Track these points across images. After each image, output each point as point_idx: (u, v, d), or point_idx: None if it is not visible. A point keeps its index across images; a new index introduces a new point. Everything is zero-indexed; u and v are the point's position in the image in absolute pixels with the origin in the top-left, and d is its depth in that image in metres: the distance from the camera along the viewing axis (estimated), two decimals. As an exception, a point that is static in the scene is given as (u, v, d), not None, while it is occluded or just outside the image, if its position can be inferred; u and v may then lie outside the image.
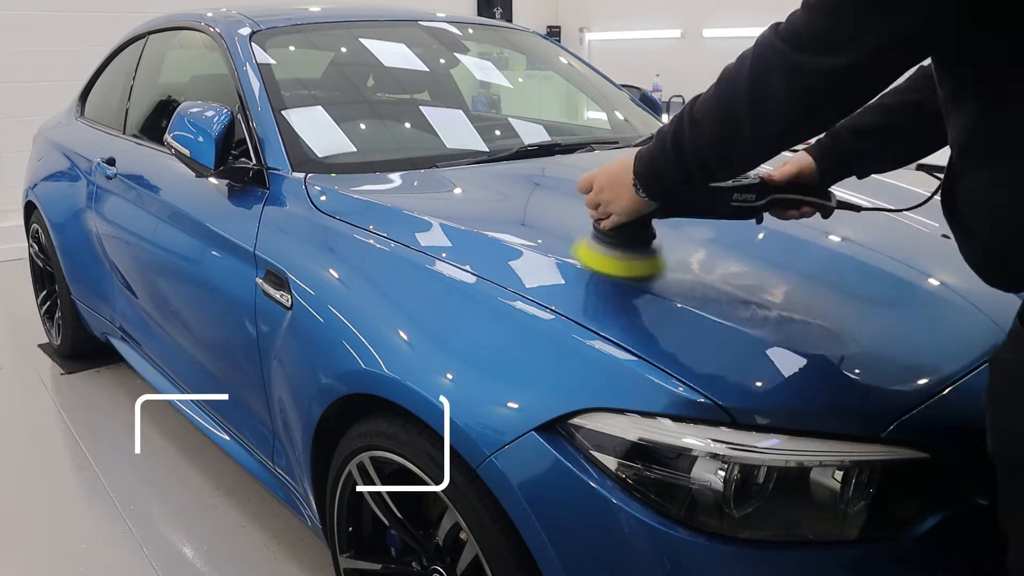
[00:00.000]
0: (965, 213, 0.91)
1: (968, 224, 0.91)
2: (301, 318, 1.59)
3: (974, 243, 0.92)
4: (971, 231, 0.91)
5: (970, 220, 0.90)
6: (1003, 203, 0.85)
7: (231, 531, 2.22)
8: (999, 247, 0.87)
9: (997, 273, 0.91)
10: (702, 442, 1.06)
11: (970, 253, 0.93)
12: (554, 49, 3.07)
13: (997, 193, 0.85)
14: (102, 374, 3.28)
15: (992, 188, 0.86)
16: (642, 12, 7.18)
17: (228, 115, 1.88)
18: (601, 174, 1.23)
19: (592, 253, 1.30)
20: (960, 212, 0.92)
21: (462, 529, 1.31)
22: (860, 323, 1.30)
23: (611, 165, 1.21)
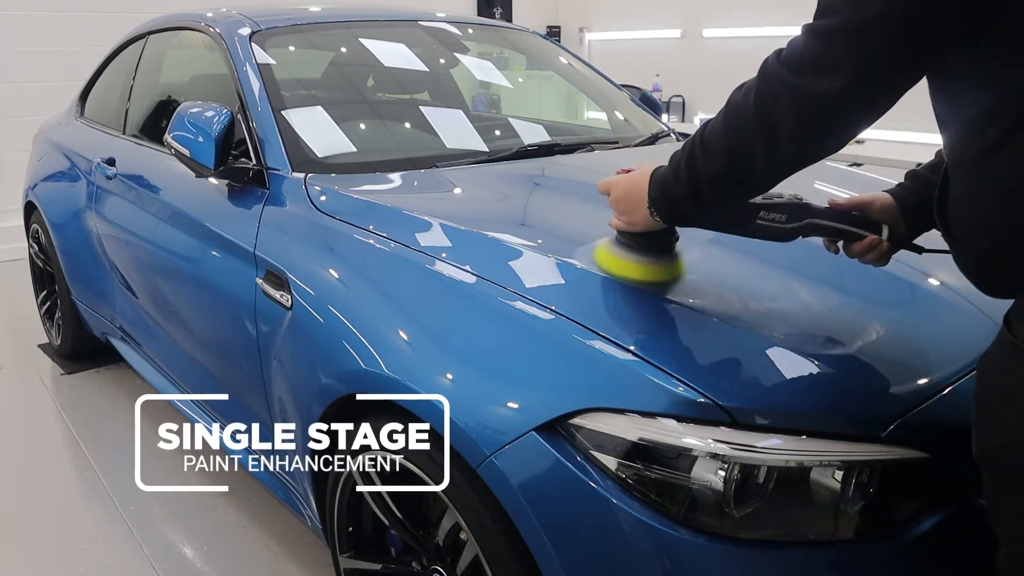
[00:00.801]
0: (955, 221, 0.92)
1: (958, 232, 0.92)
2: (301, 318, 1.59)
3: (964, 250, 0.93)
4: (961, 239, 0.92)
5: (960, 228, 0.92)
6: (989, 212, 0.86)
7: (231, 531, 2.22)
8: (986, 254, 0.89)
9: (985, 280, 0.93)
10: (702, 442, 1.06)
11: (961, 260, 0.95)
12: (554, 49, 3.07)
13: (984, 202, 0.87)
14: (102, 374, 3.28)
15: (979, 197, 0.87)
16: (642, 12, 7.18)
17: (228, 115, 1.88)
18: (619, 186, 1.22)
19: (611, 256, 1.29)
20: (951, 220, 0.93)
21: (462, 529, 1.31)
22: (860, 323, 1.30)
23: (628, 178, 1.20)
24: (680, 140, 2.58)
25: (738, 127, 0.99)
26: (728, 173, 1.02)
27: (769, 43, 1.05)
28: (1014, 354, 0.85)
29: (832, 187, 2.02)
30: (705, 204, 1.09)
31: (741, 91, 1.00)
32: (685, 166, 1.07)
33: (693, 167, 1.06)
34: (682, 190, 1.09)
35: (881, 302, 1.39)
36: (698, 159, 1.05)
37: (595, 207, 1.77)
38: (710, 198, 1.07)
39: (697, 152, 1.05)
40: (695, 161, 1.05)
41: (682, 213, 1.14)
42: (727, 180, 1.04)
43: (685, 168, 1.07)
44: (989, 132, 0.85)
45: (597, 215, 1.70)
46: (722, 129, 1.02)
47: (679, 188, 1.09)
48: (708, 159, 1.03)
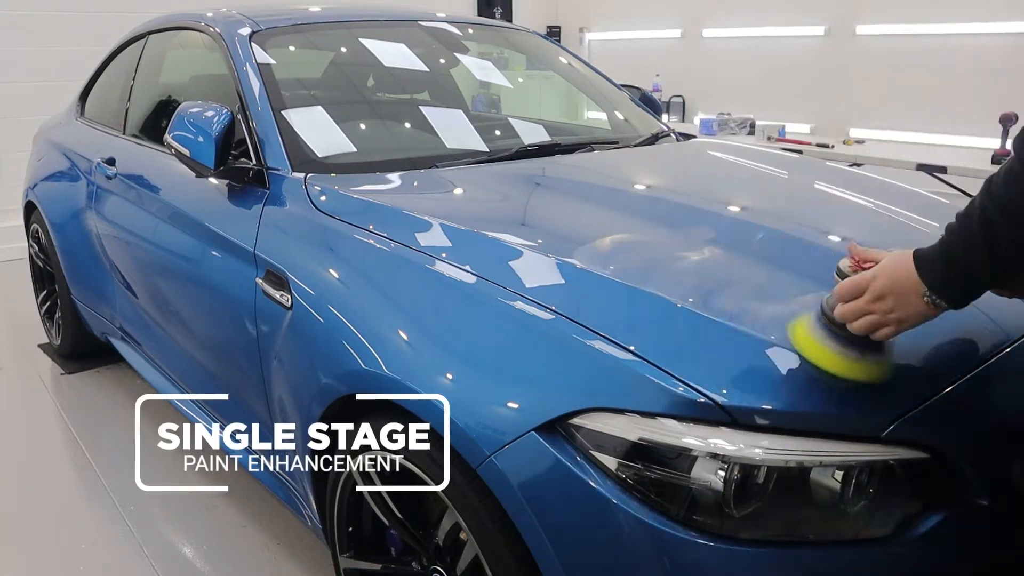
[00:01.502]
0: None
1: None
2: (301, 318, 1.59)
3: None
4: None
5: None
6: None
7: (231, 531, 2.22)
8: None
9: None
10: (702, 442, 1.06)
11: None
12: (554, 49, 3.07)
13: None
14: (102, 374, 3.28)
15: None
16: (642, 12, 7.18)
17: (228, 115, 1.88)
18: (879, 280, 1.03)
19: (813, 341, 1.10)
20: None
21: (462, 529, 1.31)
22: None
23: (884, 271, 1.04)
24: (680, 140, 2.58)
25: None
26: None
27: (769, 43, 1.05)
28: None
29: (832, 187, 2.02)
30: (1006, 269, 0.96)
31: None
32: (980, 230, 0.94)
33: (990, 231, 0.93)
34: (981, 261, 0.95)
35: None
36: (995, 219, 0.93)
37: (596, 207, 1.78)
38: (1014, 261, 0.94)
39: (992, 212, 0.93)
40: (991, 223, 0.93)
41: (979, 287, 1.00)
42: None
43: (980, 232, 0.94)
44: None
45: (597, 215, 1.71)
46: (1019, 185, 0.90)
47: (978, 259, 0.95)
48: (1009, 216, 0.91)
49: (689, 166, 2.31)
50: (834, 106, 5.91)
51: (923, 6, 5.38)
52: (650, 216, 1.71)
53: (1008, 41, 5.08)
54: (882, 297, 1.02)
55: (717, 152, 2.46)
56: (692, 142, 2.61)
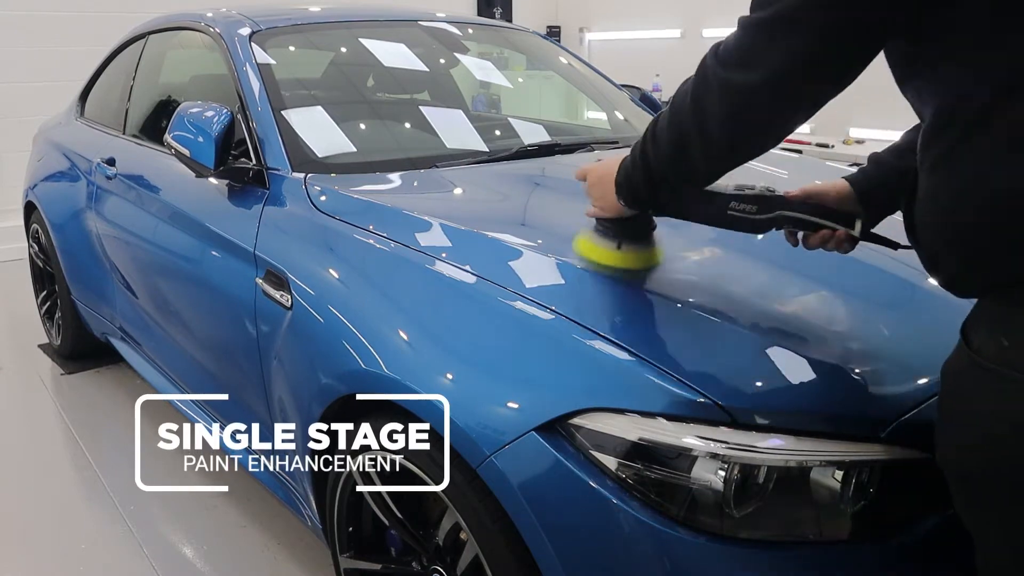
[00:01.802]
0: (918, 222, 0.93)
1: (920, 233, 0.93)
2: (301, 318, 1.59)
3: (918, 249, 0.95)
4: (921, 240, 0.93)
5: (921, 229, 0.93)
6: (944, 213, 0.87)
7: (231, 531, 2.22)
8: (943, 256, 0.90)
9: (935, 277, 0.93)
10: (702, 442, 1.06)
11: (924, 262, 0.96)
12: (554, 49, 3.07)
13: (939, 203, 0.87)
14: (102, 374, 3.28)
15: (936, 198, 0.88)
16: (642, 12, 7.18)
17: (228, 115, 1.88)
18: (593, 172, 1.27)
19: (590, 244, 1.31)
20: (915, 221, 0.94)
21: (462, 529, 1.31)
22: (860, 323, 1.30)
23: (602, 165, 1.24)
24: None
25: (679, 118, 1.02)
26: (672, 162, 1.06)
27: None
28: (967, 363, 0.86)
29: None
30: (658, 190, 1.13)
31: (685, 84, 1.03)
32: (640, 153, 1.11)
33: (646, 154, 1.10)
34: (638, 176, 1.13)
35: (881, 302, 1.39)
36: (649, 147, 1.09)
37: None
38: (661, 185, 1.11)
39: (648, 140, 1.09)
40: (647, 148, 1.09)
41: (642, 199, 1.18)
42: (672, 169, 1.08)
43: (640, 155, 1.11)
44: (944, 136, 0.85)
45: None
46: (667, 119, 1.05)
47: (636, 174, 1.13)
48: (656, 147, 1.07)
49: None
50: (834, 106, 5.87)
51: (923, 6, 5.36)
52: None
53: (1008, 41, 5.07)
54: (593, 186, 1.26)
55: (717, 152, 2.46)
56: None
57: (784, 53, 0.88)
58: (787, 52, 0.87)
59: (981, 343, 0.85)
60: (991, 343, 0.83)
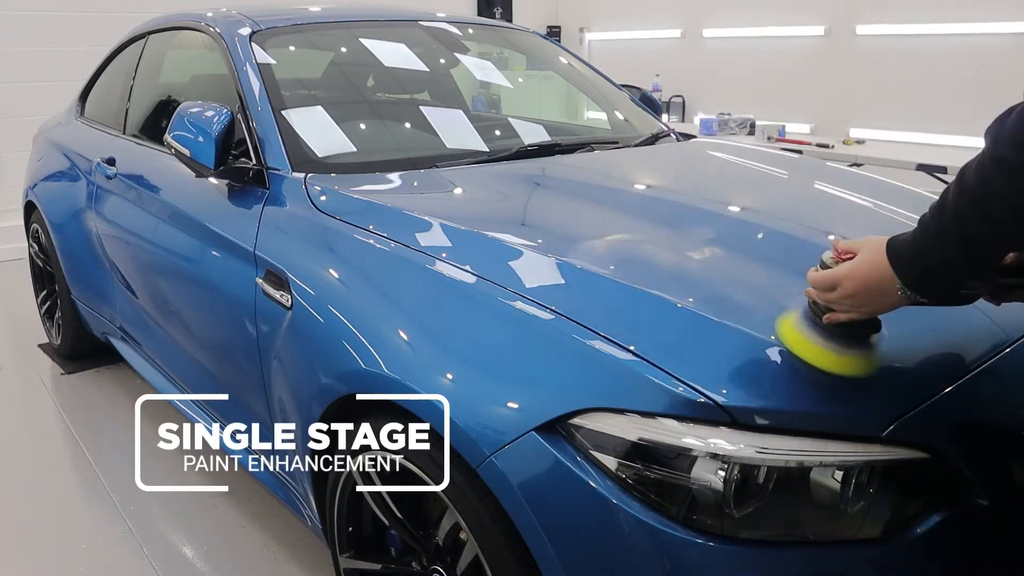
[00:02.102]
0: None
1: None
2: (301, 318, 1.59)
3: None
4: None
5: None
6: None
7: (231, 531, 2.22)
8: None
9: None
10: (702, 442, 1.06)
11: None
12: (554, 49, 3.07)
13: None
14: (102, 374, 3.28)
15: None
16: (642, 12, 7.18)
17: (228, 115, 1.88)
18: (850, 278, 1.02)
19: (800, 336, 1.10)
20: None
21: (462, 529, 1.31)
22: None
23: (858, 266, 1.02)
24: (680, 140, 2.58)
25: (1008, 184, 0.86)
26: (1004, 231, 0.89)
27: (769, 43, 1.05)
28: None
29: (832, 187, 2.02)
30: (979, 263, 0.94)
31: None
32: (953, 225, 0.92)
33: (962, 222, 0.91)
34: (947, 255, 0.93)
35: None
36: (967, 219, 0.91)
37: (596, 207, 1.78)
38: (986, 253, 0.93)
39: (965, 202, 0.91)
40: (962, 220, 0.91)
41: (950, 285, 0.99)
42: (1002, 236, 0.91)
43: (953, 227, 0.91)
44: None
45: (597, 215, 1.71)
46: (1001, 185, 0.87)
47: (940, 252, 0.94)
48: (981, 220, 0.89)
49: (689, 166, 2.31)
50: (834, 106, 5.90)
51: (923, 6, 5.38)
52: (650, 216, 1.71)
53: (1008, 41, 5.08)
54: (854, 295, 1.02)
55: (717, 152, 2.46)
56: (692, 142, 2.61)
57: None
58: None
59: None
60: None
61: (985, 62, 5.16)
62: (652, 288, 1.29)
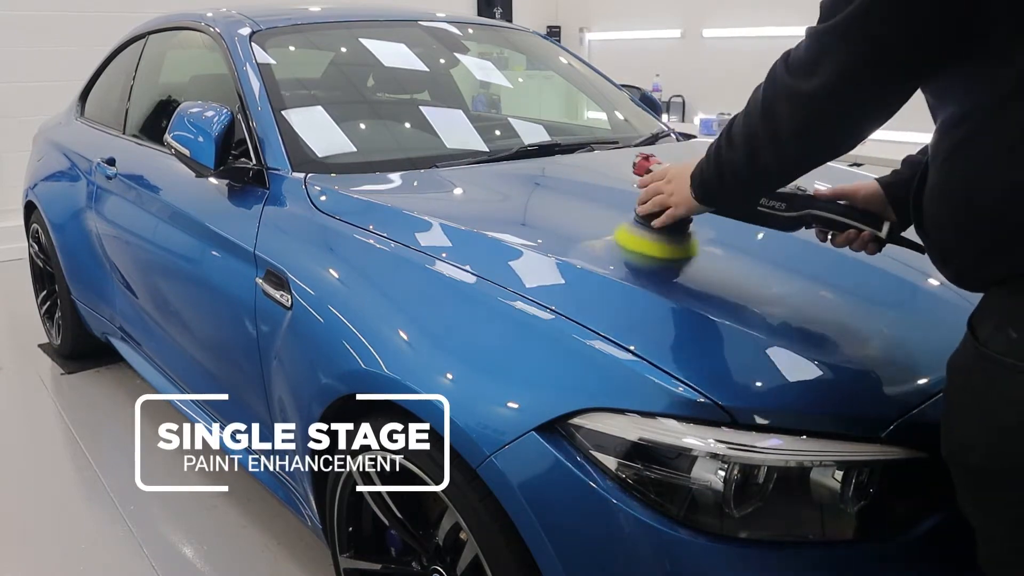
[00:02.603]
0: (926, 214, 0.95)
1: (928, 224, 0.95)
2: (301, 318, 1.59)
3: (928, 243, 0.97)
4: (929, 231, 0.95)
5: (929, 220, 0.94)
6: (954, 204, 0.88)
7: (231, 531, 2.22)
8: (944, 247, 0.92)
9: (952, 274, 0.94)
10: (702, 442, 1.06)
11: (932, 254, 0.97)
12: (554, 49, 3.07)
13: (949, 194, 0.89)
14: (102, 374, 3.28)
15: (946, 189, 0.89)
16: (642, 12, 7.18)
17: (228, 115, 1.88)
18: (672, 167, 1.32)
19: (631, 236, 1.38)
20: (924, 213, 0.96)
21: (462, 529, 1.31)
22: (861, 323, 1.30)
23: (684, 163, 1.27)
24: (680, 140, 2.59)
25: (750, 124, 1.04)
26: (744, 165, 1.08)
27: (769, 43, 1.08)
28: (975, 356, 0.87)
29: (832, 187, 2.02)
30: (728, 189, 1.16)
31: (758, 89, 1.04)
32: (714, 154, 1.14)
33: (720, 156, 1.12)
34: (712, 175, 1.16)
35: (881, 302, 1.39)
36: (723, 149, 1.11)
37: (595, 206, 1.78)
38: (732, 185, 1.14)
39: (723, 142, 1.11)
40: (721, 150, 1.12)
41: (712, 195, 1.21)
42: (744, 171, 1.09)
43: (714, 155, 1.14)
44: (959, 128, 0.87)
45: (597, 214, 1.71)
46: (741, 122, 1.07)
47: (710, 172, 1.16)
48: (730, 149, 1.10)
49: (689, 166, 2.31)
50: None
51: (923, 6, 5.36)
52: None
53: (1008, 41, 5.07)
54: (670, 180, 1.29)
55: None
56: (692, 142, 2.61)
57: (844, 60, 0.89)
58: (847, 58, 0.89)
59: (989, 336, 0.85)
60: (1000, 335, 0.83)
61: (985, 62, 5.15)
62: (652, 288, 1.29)
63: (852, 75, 0.90)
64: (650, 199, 1.33)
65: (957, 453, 0.92)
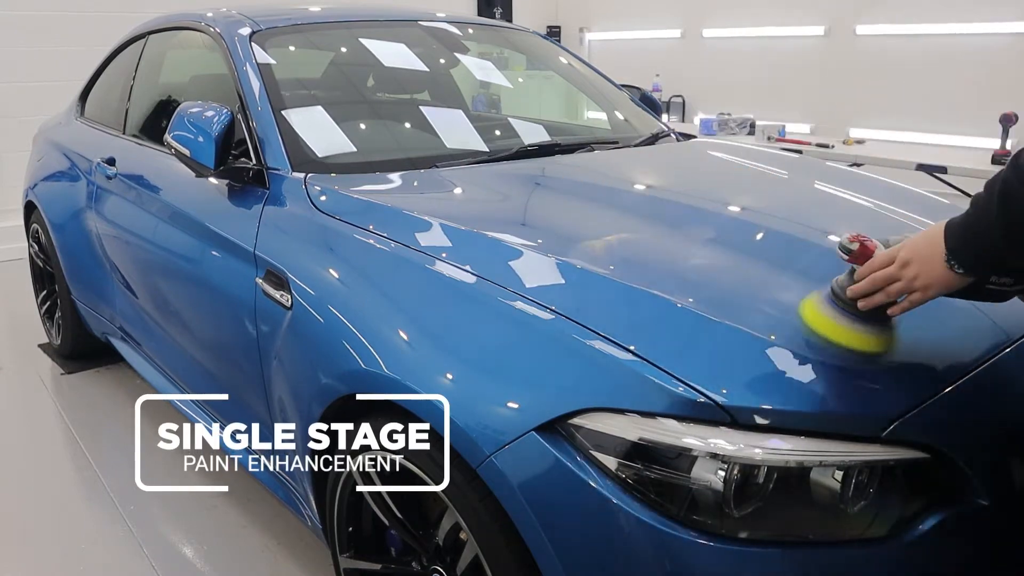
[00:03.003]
0: None
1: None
2: (301, 318, 1.59)
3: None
4: None
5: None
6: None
7: (231, 531, 2.22)
8: None
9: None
10: (702, 442, 1.06)
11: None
12: (554, 49, 3.07)
13: None
14: (102, 374, 3.28)
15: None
16: (642, 12, 7.18)
17: (228, 115, 1.88)
18: (906, 249, 1.09)
19: (822, 316, 1.17)
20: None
21: (462, 529, 1.31)
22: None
23: (918, 240, 1.08)
24: (680, 140, 2.58)
25: None
26: None
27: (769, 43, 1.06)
28: None
29: (832, 187, 2.02)
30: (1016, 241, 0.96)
31: None
32: (999, 192, 0.95)
33: (1007, 192, 0.95)
34: (991, 223, 0.97)
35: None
36: (1012, 182, 0.94)
37: (596, 206, 1.78)
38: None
39: (1010, 175, 0.95)
40: (1010, 186, 0.94)
41: (989, 253, 1.01)
42: None
43: (999, 196, 0.95)
44: None
45: (597, 215, 1.71)
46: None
47: (985, 221, 0.98)
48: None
49: (689, 166, 2.31)
50: (834, 106, 5.91)
51: (923, 6, 5.38)
52: (650, 216, 1.71)
53: (1008, 41, 5.08)
54: (907, 264, 1.07)
55: (717, 152, 2.46)
56: (692, 142, 2.61)
57: None
58: None
59: None
60: None
61: (985, 62, 5.17)
62: (652, 288, 1.29)
63: None
64: (883, 288, 1.10)
65: None
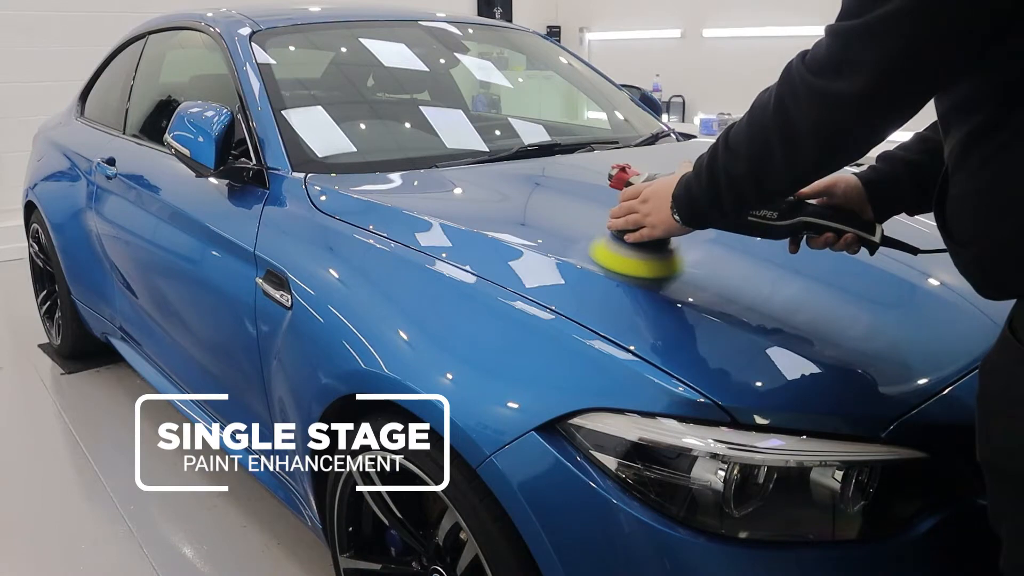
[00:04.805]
0: (954, 223, 0.92)
1: (956, 233, 0.92)
2: (301, 318, 1.59)
3: (963, 252, 0.92)
4: (959, 240, 0.91)
5: (959, 230, 0.91)
6: (990, 215, 0.85)
7: (231, 531, 2.22)
8: (987, 257, 0.88)
9: (985, 282, 0.91)
10: (702, 442, 1.06)
11: (960, 261, 0.94)
12: (554, 49, 3.07)
13: (985, 205, 0.86)
14: (102, 374, 3.28)
15: (981, 200, 0.86)
16: (642, 12, 7.18)
17: (228, 115, 1.88)
18: (646, 188, 1.24)
19: (609, 253, 1.31)
20: (949, 221, 0.93)
21: (462, 529, 1.31)
22: (860, 323, 1.30)
23: (663, 180, 1.21)
24: (680, 140, 2.59)
25: (760, 128, 0.98)
26: (748, 175, 1.01)
27: (769, 43, 1.06)
28: (1018, 359, 0.84)
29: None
30: (723, 205, 1.07)
31: (766, 93, 0.99)
32: (707, 166, 1.07)
33: (715, 167, 1.05)
34: (703, 190, 1.08)
35: (881, 302, 1.39)
36: (720, 159, 1.04)
37: (596, 207, 1.78)
38: (728, 199, 1.06)
39: (720, 152, 1.04)
40: (717, 161, 1.05)
41: (701, 214, 1.13)
42: (747, 181, 1.02)
43: (707, 168, 1.07)
44: (994, 137, 0.84)
45: (598, 215, 1.71)
46: (745, 130, 1.01)
47: (699, 187, 1.09)
48: (730, 159, 1.03)
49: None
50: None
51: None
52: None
53: None
54: (646, 200, 1.22)
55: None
56: (692, 142, 2.61)
57: (877, 60, 0.84)
58: (880, 58, 0.84)
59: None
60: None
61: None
62: (652, 288, 1.29)
63: (885, 76, 0.85)
64: (624, 216, 1.26)
65: (994, 459, 0.88)
